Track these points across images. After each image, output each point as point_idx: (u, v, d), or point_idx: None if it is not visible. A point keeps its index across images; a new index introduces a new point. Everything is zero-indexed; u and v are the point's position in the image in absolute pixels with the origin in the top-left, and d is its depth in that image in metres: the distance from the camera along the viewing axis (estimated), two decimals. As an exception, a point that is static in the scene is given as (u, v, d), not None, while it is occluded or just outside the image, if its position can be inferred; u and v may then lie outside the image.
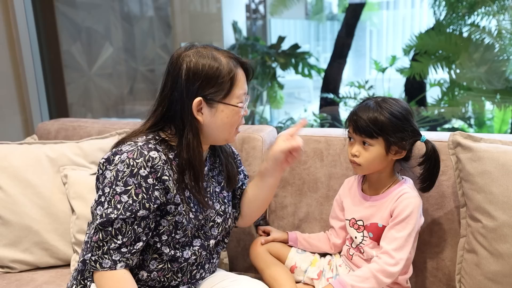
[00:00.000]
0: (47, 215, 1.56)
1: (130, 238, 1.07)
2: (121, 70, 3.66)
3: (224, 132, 1.17)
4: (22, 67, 2.49)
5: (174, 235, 1.15)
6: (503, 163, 1.16)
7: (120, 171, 1.06)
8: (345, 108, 4.50)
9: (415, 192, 1.24)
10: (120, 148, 1.11)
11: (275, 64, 4.81)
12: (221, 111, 1.14)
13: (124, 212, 1.05)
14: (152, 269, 1.17)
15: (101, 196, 1.07)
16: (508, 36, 3.47)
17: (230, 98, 1.14)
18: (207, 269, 1.28)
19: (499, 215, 1.14)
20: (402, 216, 1.18)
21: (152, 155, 1.08)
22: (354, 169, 1.26)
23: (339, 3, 5.34)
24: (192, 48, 1.14)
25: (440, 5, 3.88)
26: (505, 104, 3.60)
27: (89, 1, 3.30)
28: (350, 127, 1.24)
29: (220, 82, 1.11)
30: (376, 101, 1.22)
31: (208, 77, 1.11)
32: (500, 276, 1.15)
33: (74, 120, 1.95)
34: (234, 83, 1.13)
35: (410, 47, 4.03)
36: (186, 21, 3.77)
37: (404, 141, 1.19)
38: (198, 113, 1.12)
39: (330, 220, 1.41)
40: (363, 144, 1.20)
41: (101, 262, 1.05)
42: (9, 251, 1.53)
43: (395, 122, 1.18)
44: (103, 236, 1.05)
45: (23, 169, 1.59)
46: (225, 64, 1.12)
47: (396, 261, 1.17)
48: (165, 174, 1.10)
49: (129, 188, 1.06)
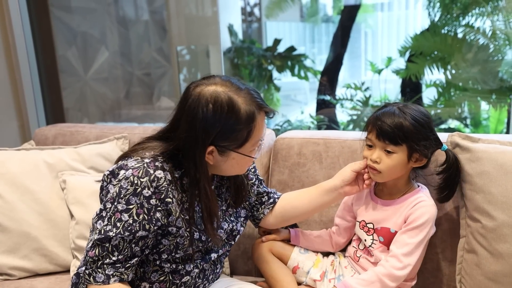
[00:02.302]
0: (46, 221, 1.56)
1: (126, 255, 1.05)
2: (117, 74, 3.65)
3: (232, 171, 1.16)
4: (18, 72, 2.48)
5: (175, 254, 1.14)
6: (502, 164, 1.16)
7: (123, 188, 1.04)
8: (342, 110, 4.51)
9: (432, 201, 1.22)
10: (126, 162, 1.07)
11: (271, 66, 4.82)
12: (232, 159, 1.10)
13: (123, 232, 1.03)
14: (153, 281, 1.16)
15: (103, 211, 1.05)
16: (502, 36, 3.49)
17: (245, 148, 1.09)
18: (211, 280, 1.27)
19: (499, 215, 1.15)
20: (417, 223, 1.17)
21: (157, 175, 1.05)
22: (373, 176, 1.22)
23: (334, 5, 5.36)
24: (211, 85, 1.06)
25: (434, 6, 3.90)
26: (501, 104, 3.61)
27: (84, 5, 3.29)
28: (372, 132, 1.20)
29: (235, 134, 1.06)
30: (398, 106, 1.19)
31: (224, 127, 1.04)
32: (500, 276, 1.16)
33: (71, 125, 1.95)
34: (251, 133, 1.08)
35: (406, 49, 4.05)
36: (182, 25, 3.76)
37: (427, 149, 1.17)
38: (208, 157, 1.08)
39: (336, 219, 1.40)
40: (385, 151, 1.18)
41: (94, 276, 1.04)
42: (8, 258, 1.52)
43: (420, 129, 1.16)
44: (99, 251, 1.04)
45: (21, 175, 1.58)
46: (243, 114, 1.05)
47: (403, 265, 1.16)
48: (168, 196, 1.07)
49: (130, 207, 1.03)
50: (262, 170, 1.55)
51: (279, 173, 1.54)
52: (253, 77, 4.81)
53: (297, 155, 1.51)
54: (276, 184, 1.54)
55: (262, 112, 1.09)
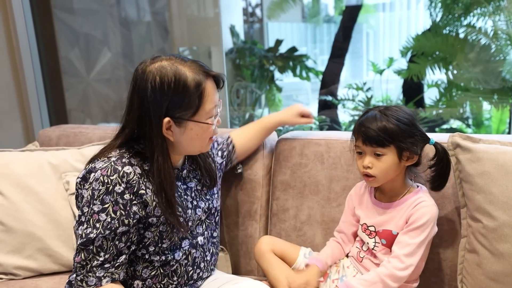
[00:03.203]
0: (50, 221, 1.57)
1: (112, 253, 1.07)
2: (119, 75, 3.66)
3: (195, 146, 1.17)
4: (22, 74, 2.49)
5: (161, 245, 1.16)
6: (502, 164, 1.17)
7: (95, 189, 1.06)
8: (344, 110, 4.52)
9: (432, 201, 1.23)
10: (94, 165, 1.10)
11: (273, 67, 4.82)
12: (190, 129, 1.12)
13: (104, 231, 1.06)
14: (145, 277, 1.18)
15: (81, 216, 1.08)
16: (504, 36, 3.49)
17: (200, 116, 1.11)
18: (203, 268, 1.28)
19: (499, 215, 1.15)
20: (418, 223, 1.18)
21: (126, 171, 1.08)
22: (368, 183, 1.24)
23: (336, 6, 5.36)
24: (156, 62, 1.10)
25: (436, 6, 3.90)
26: (503, 104, 3.61)
27: (87, 7, 3.30)
28: (358, 140, 1.22)
29: (187, 101, 1.08)
30: (380, 110, 1.21)
31: (174, 97, 1.07)
32: (501, 275, 1.16)
33: (75, 126, 1.96)
34: (203, 99, 1.10)
35: (407, 49, 4.05)
36: (184, 26, 3.78)
37: (415, 146, 1.19)
38: (167, 132, 1.10)
39: (341, 225, 1.39)
40: (375, 155, 1.19)
41: (86, 281, 1.06)
42: (13, 258, 1.53)
43: (404, 128, 1.17)
44: (85, 255, 1.06)
45: (26, 176, 1.59)
46: (191, 80, 1.08)
47: (405, 266, 1.17)
48: (141, 188, 1.10)
49: (106, 206, 1.06)
50: (264, 171, 1.56)
51: (281, 173, 1.55)
52: (255, 78, 4.82)
53: (299, 155, 1.52)
54: (278, 184, 1.55)
55: (210, 78, 1.13)
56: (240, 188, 1.58)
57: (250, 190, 1.56)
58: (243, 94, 4.92)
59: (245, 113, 4.90)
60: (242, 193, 1.58)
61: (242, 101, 4.91)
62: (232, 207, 1.59)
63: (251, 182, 1.56)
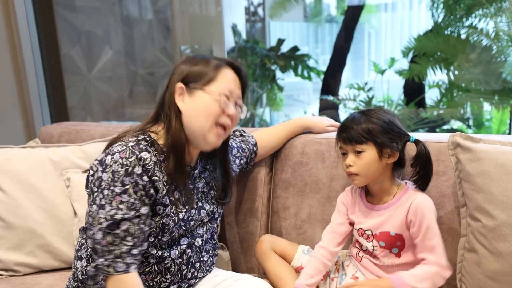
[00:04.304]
0: (51, 218, 1.57)
1: (139, 238, 1.08)
2: (120, 73, 3.67)
3: (199, 122, 1.16)
4: (23, 71, 2.50)
5: (161, 237, 1.17)
6: (502, 163, 1.17)
7: (115, 171, 1.07)
8: (345, 110, 4.52)
9: (422, 194, 1.24)
10: (112, 148, 1.12)
11: (275, 66, 4.83)
12: (199, 98, 1.16)
13: (129, 211, 1.06)
14: (139, 273, 1.17)
15: (102, 199, 1.07)
16: (505, 37, 3.50)
17: (210, 88, 1.16)
18: (198, 268, 1.28)
19: (499, 215, 1.16)
20: (425, 225, 1.19)
21: (143, 155, 1.10)
22: (353, 182, 1.26)
23: (338, 6, 5.37)
24: (192, 56, 1.22)
25: (438, 7, 3.91)
26: (503, 105, 3.62)
27: (89, 4, 3.31)
28: (340, 140, 1.25)
29: (204, 72, 1.16)
30: (361, 111, 1.26)
31: (194, 70, 1.17)
32: (500, 274, 1.17)
33: (76, 123, 1.97)
34: (217, 76, 1.17)
35: (409, 49, 4.06)
36: (186, 24, 3.78)
37: (394, 142, 1.21)
38: (179, 99, 1.16)
39: (335, 226, 1.35)
40: (355, 153, 1.22)
41: (114, 266, 1.06)
42: (13, 254, 1.54)
43: (381, 125, 1.20)
44: (112, 239, 1.06)
45: (27, 172, 1.60)
46: (213, 62, 1.18)
47: (446, 266, 1.20)
48: (155, 174, 1.12)
49: (127, 188, 1.07)
50: (265, 169, 1.57)
51: (282, 172, 1.55)
52: (256, 77, 4.83)
53: (300, 154, 1.53)
54: (279, 183, 1.55)
55: (230, 68, 1.21)
56: (241, 186, 1.58)
57: (252, 188, 1.57)
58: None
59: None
60: (243, 191, 1.58)
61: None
62: (233, 204, 1.59)
63: (253, 180, 1.57)
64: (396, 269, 1.24)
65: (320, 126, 1.54)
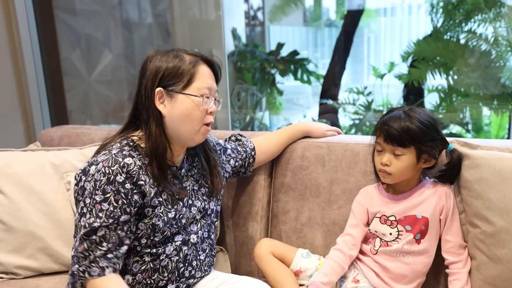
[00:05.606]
0: (51, 221, 1.58)
1: (114, 243, 1.09)
2: (120, 76, 3.67)
3: (185, 126, 1.17)
4: (24, 75, 2.50)
5: (153, 238, 1.18)
6: (500, 170, 1.18)
7: (97, 180, 1.08)
8: (344, 114, 4.53)
9: (442, 184, 1.29)
10: (95, 158, 1.13)
11: (274, 70, 4.83)
12: (180, 102, 1.15)
13: (107, 220, 1.08)
14: (135, 272, 1.19)
15: (83, 208, 1.09)
16: (504, 42, 3.51)
17: (190, 90, 1.15)
18: (196, 267, 1.29)
19: (497, 221, 1.16)
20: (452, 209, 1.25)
21: (127, 162, 1.11)
22: (383, 178, 1.27)
23: (337, 10, 5.38)
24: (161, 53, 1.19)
25: (437, 12, 3.92)
26: (502, 110, 3.63)
27: (89, 8, 3.31)
28: (380, 137, 1.25)
29: (180, 73, 1.15)
30: (404, 110, 1.24)
31: (169, 70, 1.15)
32: (499, 280, 1.17)
33: (77, 127, 1.97)
34: (195, 75, 1.16)
35: (408, 54, 4.07)
36: (186, 28, 3.78)
37: (434, 149, 1.22)
38: (160, 104, 1.15)
39: (349, 229, 1.34)
40: (394, 153, 1.22)
41: (89, 271, 1.07)
42: (14, 257, 1.54)
43: (426, 131, 1.20)
44: (88, 245, 1.07)
45: (27, 175, 1.60)
46: (187, 59, 1.16)
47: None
48: (140, 179, 1.12)
49: (108, 196, 1.08)
50: (265, 173, 1.57)
51: (282, 175, 1.56)
52: (256, 81, 4.83)
53: (300, 158, 1.53)
54: (279, 186, 1.56)
55: (206, 64, 1.20)
56: (241, 189, 1.59)
57: (252, 192, 1.58)
58: (244, 97, 4.93)
59: (245, 116, 4.92)
60: (243, 194, 1.59)
61: (243, 104, 4.92)
62: (233, 208, 1.60)
63: (253, 183, 1.57)
64: (411, 257, 1.25)
65: (319, 131, 1.55)
